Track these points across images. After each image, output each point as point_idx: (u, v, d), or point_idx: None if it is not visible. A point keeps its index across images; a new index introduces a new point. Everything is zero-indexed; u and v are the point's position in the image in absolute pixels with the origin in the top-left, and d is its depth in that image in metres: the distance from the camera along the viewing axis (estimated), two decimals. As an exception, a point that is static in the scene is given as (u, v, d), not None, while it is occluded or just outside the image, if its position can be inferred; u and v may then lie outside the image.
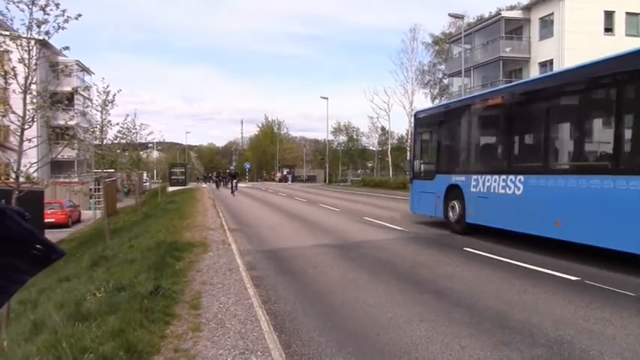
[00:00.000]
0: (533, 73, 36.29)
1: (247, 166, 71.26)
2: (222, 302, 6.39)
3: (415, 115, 16.63)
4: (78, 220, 31.06)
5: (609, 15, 33.56)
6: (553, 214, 9.25)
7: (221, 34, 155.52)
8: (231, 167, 61.03)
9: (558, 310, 5.92)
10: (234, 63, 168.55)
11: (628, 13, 33.63)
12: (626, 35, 33.59)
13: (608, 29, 33.64)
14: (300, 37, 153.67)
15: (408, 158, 30.40)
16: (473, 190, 12.14)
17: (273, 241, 12.23)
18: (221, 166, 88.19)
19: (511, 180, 10.68)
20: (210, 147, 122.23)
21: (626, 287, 6.86)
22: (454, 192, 12.99)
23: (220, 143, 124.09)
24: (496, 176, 11.21)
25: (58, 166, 33.79)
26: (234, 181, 37.60)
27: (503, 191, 10.94)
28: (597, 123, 9.74)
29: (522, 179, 10.34)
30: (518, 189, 10.43)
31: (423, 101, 67.93)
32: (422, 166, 15.64)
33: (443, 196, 13.43)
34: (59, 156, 12.55)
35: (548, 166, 9.95)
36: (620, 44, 32.99)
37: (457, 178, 12.96)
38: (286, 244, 11.64)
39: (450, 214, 13.10)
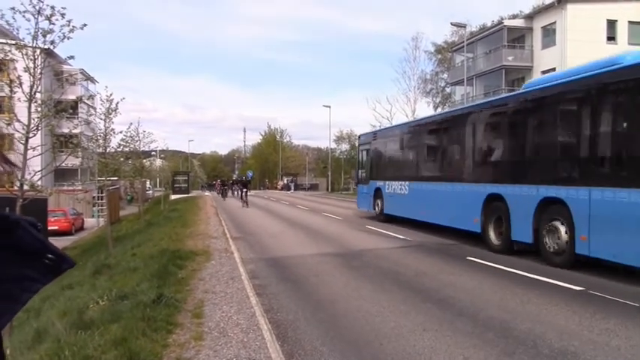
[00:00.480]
0: (536, 81, 36.36)
1: (250, 174, 71.32)
2: (225, 311, 6.39)
3: (358, 137, 23.17)
4: (81, 228, 31.12)
5: (612, 24, 33.59)
6: (421, 206, 15.12)
7: (224, 42, 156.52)
8: (236, 174, 59.57)
9: (562, 321, 5.90)
10: (236, 71, 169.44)
11: (631, 22, 33.66)
12: (629, 44, 33.61)
13: (611, 38, 33.68)
14: (303, 44, 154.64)
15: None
16: (387, 191, 17.96)
17: (275, 250, 12.22)
18: (224, 174, 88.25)
19: (403, 185, 16.61)
20: (213, 155, 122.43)
21: (629, 297, 6.84)
22: (378, 192, 18.84)
23: (223, 151, 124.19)
24: (396, 182, 17.14)
25: (61, 174, 33.87)
26: (244, 190, 30.72)
27: (400, 192, 16.83)
28: (441, 152, 14.76)
29: (407, 184, 16.30)
30: (406, 190, 16.36)
31: (426, 109, 68.07)
32: (362, 174, 21.04)
33: (372, 195, 19.24)
34: (63, 164, 12.60)
35: (419, 177, 15.62)
36: (623, 52, 33.15)
37: (379, 183, 18.67)
38: (288, 253, 11.64)
39: (376, 208, 19.04)
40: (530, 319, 5.98)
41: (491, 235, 11.43)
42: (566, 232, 9.02)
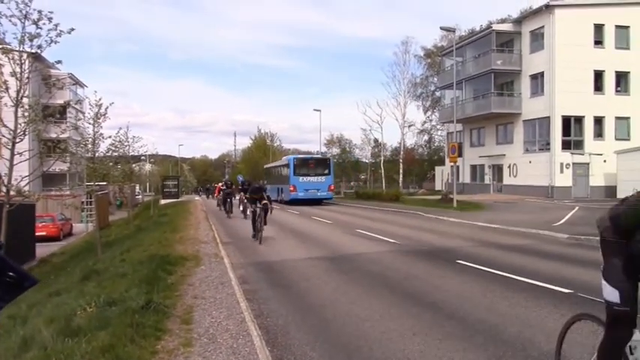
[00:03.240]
0: (525, 85, 36.67)
1: (240, 178, 71.01)
2: (214, 317, 6.35)
3: (264, 167, 52.43)
4: (69, 234, 30.82)
5: (599, 28, 33.94)
6: (274, 193, 33.49)
7: (214, 46, 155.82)
8: (226, 178, 53.04)
9: (551, 324, 5.93)
10: (227, 75, 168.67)
11: (617, 26, 34.05)
12: (616, 48, 34.05)
13: (598, 42, 34.03)
14: (293, 49, 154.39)
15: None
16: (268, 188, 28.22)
17: (265, 254, 12.19)
18: (214, 178, 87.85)
19: (272, 186, 36.19)
20: (203, 159, 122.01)
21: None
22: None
23: (213, 155, 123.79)
24: (269, 185, 35.00)
25: (49, 179, 33.55)
26: (263, 202, 15.37)
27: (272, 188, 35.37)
28: (275, 175, 42.07)
29: (269, 188, 26.51)
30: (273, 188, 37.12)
31: (416, 113, 68.04)
32: (267, 183, 37.17)
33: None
34: (51, 169, 12.49)
35: (270, 182, 39.48)
36: (610, 56, 33.55)
37: (269, 186, 29.95)
38: (278, 257, 11.61)
39: (277, 195, 36.88)
40: (520, 322, 6.01)
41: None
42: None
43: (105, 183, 23.31)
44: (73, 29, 9.88)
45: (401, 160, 58.36)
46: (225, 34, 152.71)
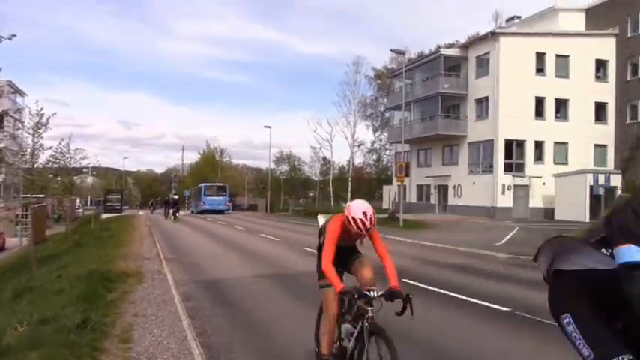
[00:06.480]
0: (470, 108, 37.95)
1: (187, 193, 69.62)
2: (155, 335, 6.18)
3: (190, 189, 69.22)
4: (2, 248, 29.26)
5: (540, 56, 35.56)
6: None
7: (164, 59, 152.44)
8: (173, 192, 56.00)
9: (488, 341, 6.11)
10: (175, 89, 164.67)
11: (557, 55, 35.77)
12: (556, 76, 35.81)
13: (540, 70, 35.67)
14: (246, 64, 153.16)
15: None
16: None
17: (210, 271, 11.99)
18: (160, 193, 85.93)
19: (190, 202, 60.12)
20: (148, 173, 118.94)
21: (550, 317, 7.16)
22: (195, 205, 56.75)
23: (160, 170, 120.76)
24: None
25: (-18, 190, 31.85)
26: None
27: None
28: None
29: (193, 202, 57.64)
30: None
31: (365, 132, 69.08)
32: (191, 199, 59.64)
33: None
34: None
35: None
36: (550, 84, 35.26)
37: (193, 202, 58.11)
38: (224, 275, 11.44)
39: (193, 209, 56.53)
40: (457, 339, 6.15)
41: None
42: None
43: (43, 196, 22.33)
44: (14, 35, 9.54)
45: (350, 179, 58.95)
46: (175, 47, 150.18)
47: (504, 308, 7.81)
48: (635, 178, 32.19)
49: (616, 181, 32.01)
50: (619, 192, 30.88)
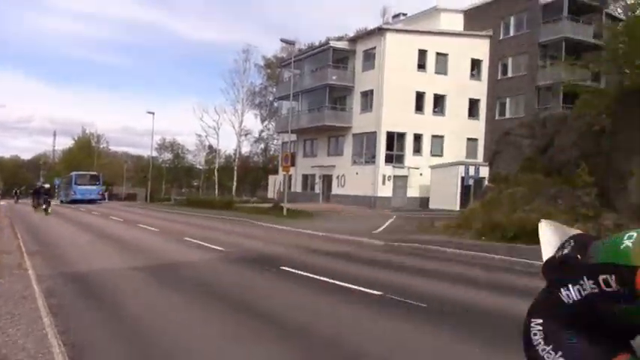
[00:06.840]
0: (356, 100, 39.15)
1: (57, 182, 64.44)
2: (10, 335, 5.60)
3: (60, 178, 64.28)
4: None
5: (422, 53, 37.59)
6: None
7: (34, 35, 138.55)
8: (41, 181, 50.13)
9: (364, 324, 6.34)
10: (47, 68, 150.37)
11: (438, 53, 38.05)
12: (435, 73, 38.06)
13: (421, 66, 37.72)
14: (128, 46, 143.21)
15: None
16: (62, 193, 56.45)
17: (79, 264, 11.18)
18: (26, 181, 78.84)
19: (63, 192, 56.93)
20: (13, 159, 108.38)
21: (420, 299, 7.60)
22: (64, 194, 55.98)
23: (27, 156, 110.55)
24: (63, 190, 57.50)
25: None
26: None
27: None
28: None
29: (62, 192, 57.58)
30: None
31: (253, 121, 68.70)
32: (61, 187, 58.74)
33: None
34: None
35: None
36: (430, 80, 37.37)
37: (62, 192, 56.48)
38: (94, 267, 10.73)
39: (62, 198, 54.49)
40: (334, 323, 6.32)
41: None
42: None
43: None
44: None
45: (235, 168, 58.31)
46: (47, 23, 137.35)
47: (377, 292, 8.13)
48: (500, 170, 35.24)
49: (484, 172, 34.87)
50: (486, 182, 33.68)
